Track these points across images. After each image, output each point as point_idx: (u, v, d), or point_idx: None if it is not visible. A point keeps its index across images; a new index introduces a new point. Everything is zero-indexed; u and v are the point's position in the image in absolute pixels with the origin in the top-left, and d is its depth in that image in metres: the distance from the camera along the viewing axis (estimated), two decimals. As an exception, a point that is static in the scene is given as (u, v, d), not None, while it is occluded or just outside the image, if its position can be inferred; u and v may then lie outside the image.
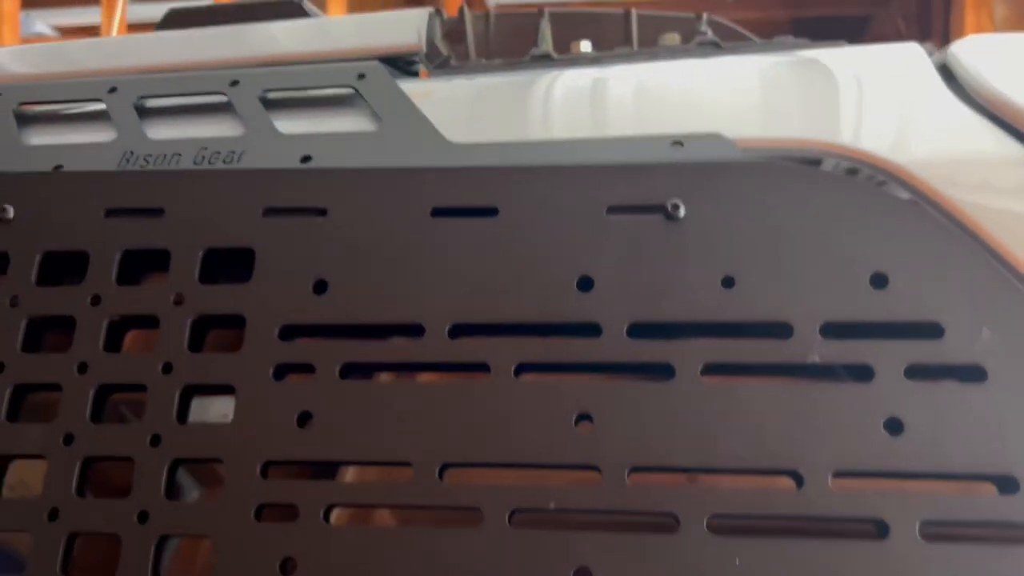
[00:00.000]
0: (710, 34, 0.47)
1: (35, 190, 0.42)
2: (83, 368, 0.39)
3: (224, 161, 0.42)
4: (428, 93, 0.44)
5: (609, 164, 0.38)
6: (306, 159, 0.41)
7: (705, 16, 0.48)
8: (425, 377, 0.40)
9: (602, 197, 0.38)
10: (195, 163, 0.42)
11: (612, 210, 0.37)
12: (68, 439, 0.37)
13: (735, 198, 0.36)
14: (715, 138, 0.39)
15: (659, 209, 0.37)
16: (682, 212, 0.37)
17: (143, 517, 0.36)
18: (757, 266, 0.35)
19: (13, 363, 0.39)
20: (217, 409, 0.39)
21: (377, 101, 0.43)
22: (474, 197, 0.38)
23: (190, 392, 0.38)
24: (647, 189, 0.37)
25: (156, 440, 0.36)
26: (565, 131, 0.41)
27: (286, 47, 0.50)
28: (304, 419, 0.36)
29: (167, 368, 0.38)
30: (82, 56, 0.50)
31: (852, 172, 0.38)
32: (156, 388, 0.37)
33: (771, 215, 0.36)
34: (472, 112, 0.44)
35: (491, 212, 0.38)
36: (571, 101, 0.43)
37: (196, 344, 0.38)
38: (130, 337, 0.40)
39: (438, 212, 0.38)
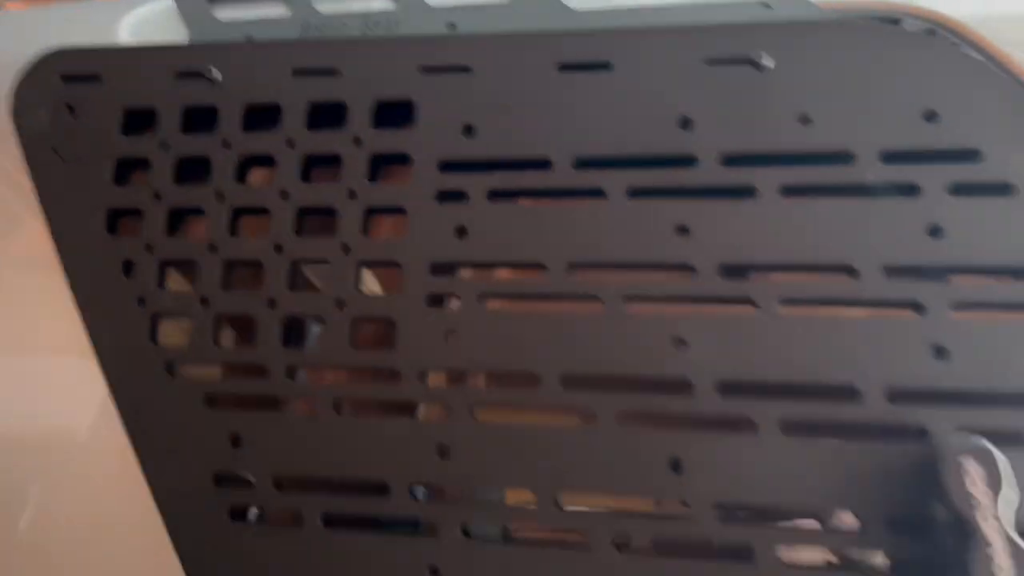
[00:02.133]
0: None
1: (236, 56, 0.54)
2: (285, 195, 0.51)
3: (384, 29, 0.53)
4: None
5: (708, 24, 0.48)
6: (451, 27, 0.52)
7: None
8: (550, 201, 0.51)
9: (701, 52, 0.47)
10: (361, 32, 0.53)
11: (710, 62, 0.47)
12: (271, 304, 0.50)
13: (814, 51, 0.46)
14: (799, 0, 0.48)
15: (749, 61, 0.47)
16: (769, 64, 0.46)
17: (339, 303, 0.49)
18: (830, 105, 0.45)
19: (229, 194, 0.52)
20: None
21: (508, -23, 0.52)
22: (593, 55, 0.49)
23: (368, 213, 0.50)
24: (739, 45, 0.47)
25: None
26: (670, -2, 0.50)
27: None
28: (462, 232, 0.49)
29: (352, 194, 0.50)
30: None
31: (894, 22, 0.47)
32: (344, 209, 0.50)
33: (843, 64, 0.45)
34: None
35: (607, 67, 0.48)
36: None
37: (372, 178, 0.51)
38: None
39: (564, 68, 0.49)
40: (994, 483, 0.33)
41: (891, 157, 0.44)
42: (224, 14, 0.58)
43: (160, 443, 0.50)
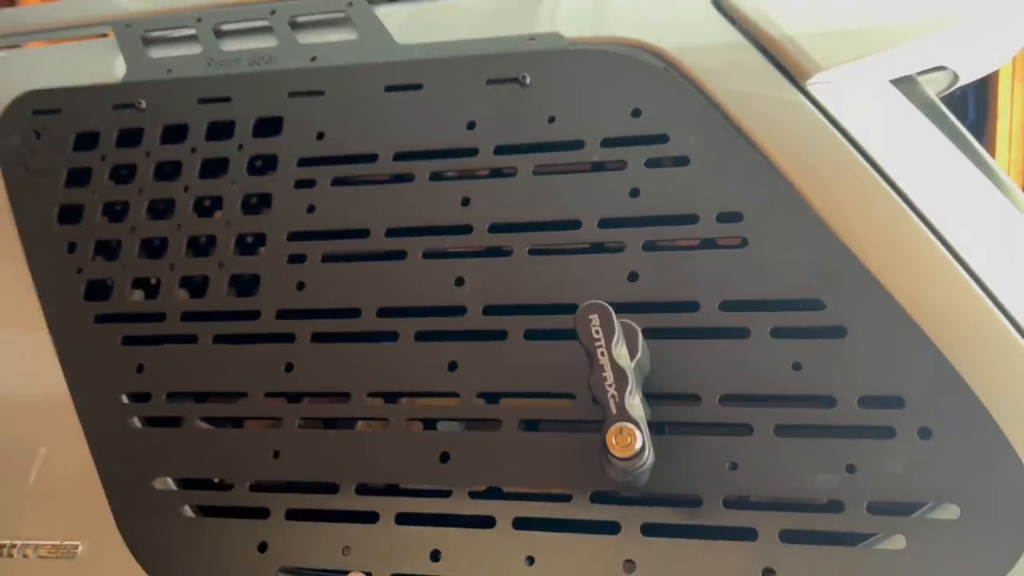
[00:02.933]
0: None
1: (157, 89, 0.73)
2: (187, 189, 0.69)
3: (266, 62, 0.72)
4: (393, 11, 0.73)
5: (490, 53, 0.66)
6: (314, 59, 0.71)
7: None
8: (377, 186, 0.68)
9: (484, 74, 0.66)
10: (249, 65, 0.72)
11: (490, 82, 0.66)
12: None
13: (559, 70, 0.64)
14: (554, 35, 0.66)
15: (516, 80, 0.65)
16: (529, 80, 0.64)
17: (220, 264, 0.66)
18: (569, 109, 0.63)
19: (148, 190, 0.70)
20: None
21: (359, 21, 0.72)
22: (409, 78, 0.67)
23: (246, 198, 0.68)
24: (510, 68, 0.65)
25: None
26: (466, 34, 0.69)
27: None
28: (311, 209, 0.66)
29: (234, 183, 0.68)
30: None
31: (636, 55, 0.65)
32: (228, 196, 0.68)
33: (577, 77, 0.63)
34: (419, 22, 0.72)
35: (419, 87, 0.67)
36: (471, 12, 0.71)
37: (250, 173, 0.69)
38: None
39: (388, 88, 0.67)
40: (608, 329, 0.49)
41: (608, 143, 0.61)
42: (154, 53, 0.77)
43: (88, 374, 0.67)
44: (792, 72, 0.60)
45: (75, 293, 0.69)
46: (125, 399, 0.65)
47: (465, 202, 0.63)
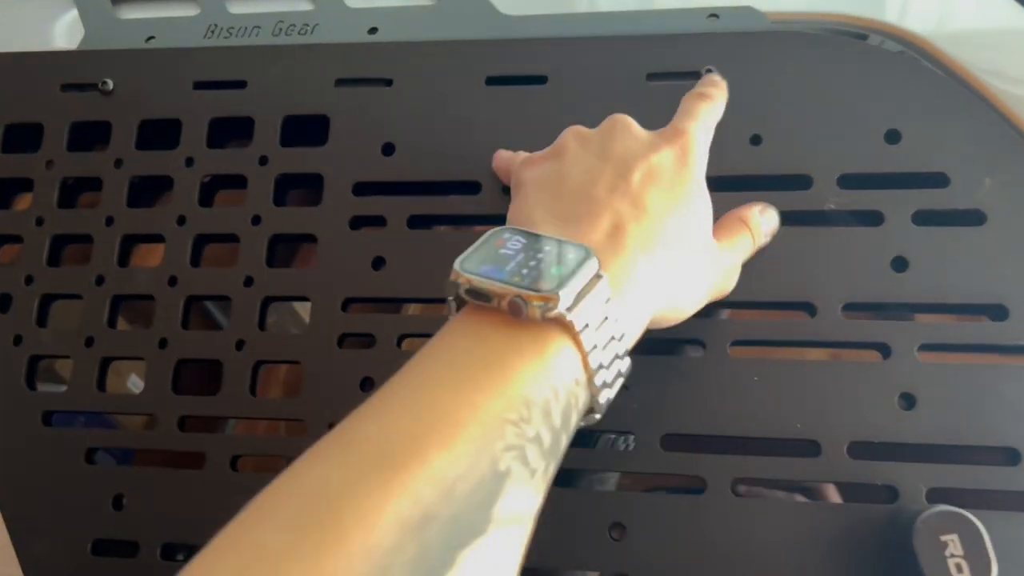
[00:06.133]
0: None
1: (131, 64, 0.49)
2: (182, 221, 0.46)
3: (299, 33, 0.48)
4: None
5: (650, 34, 0.44)
6: (373, 31, 0.47)
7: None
8: (479, 229, 0.46)
9: (642, 65, 0.43)
10: (273, 35, 0.48)
11: (651, 76, 0.43)
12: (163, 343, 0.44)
13: (762, 64, 0.42)
14: (747, 10, 0.44)
15: (694, 75, 0.42)
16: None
17: (239, 345, 0.44)
18: (781, 124, 0.41)
19: (120, 221, 0.47)
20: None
21: (436, -21, 0.48)
22: (525, 66, 0.44)
23: (275, 242, 0.45)
24: (683, 57, 0.43)
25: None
26: (610, 3, 0.46)
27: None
28: (378, 263, 0.44)
29: (256, 220, 0.45)
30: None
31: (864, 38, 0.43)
32: (248, 237, 0.45)
33: (794, 78, 0.41)
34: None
35: (541, 80, 0.44)
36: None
37: (279, 202, 0.46)
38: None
39: (492, 81, 0.45)
40: (979, 560, 0.29)
41: (851, 181, 0.40)
42: (127, 14, 0.52)
43: (32, 505, 0.44)
44: None
45: (13, 375, 0.46)
46: (94, 551, 0.42)
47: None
